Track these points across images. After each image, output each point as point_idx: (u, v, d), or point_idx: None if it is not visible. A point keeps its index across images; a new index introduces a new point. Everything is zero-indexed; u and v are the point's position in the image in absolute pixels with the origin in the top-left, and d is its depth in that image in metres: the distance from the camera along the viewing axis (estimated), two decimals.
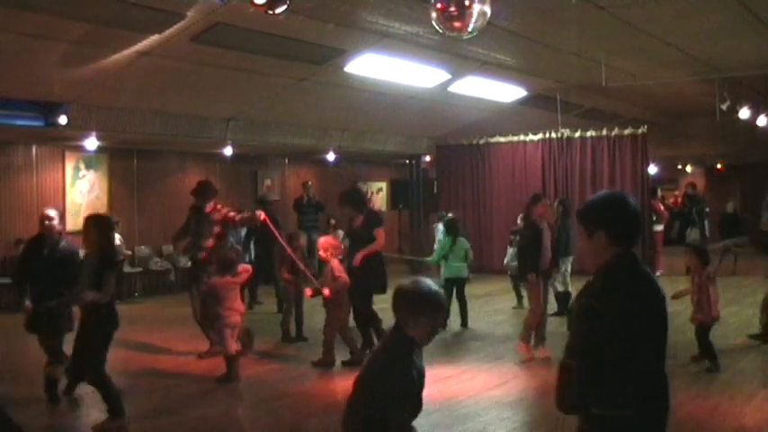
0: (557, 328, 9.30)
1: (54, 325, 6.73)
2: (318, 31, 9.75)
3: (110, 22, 8.40)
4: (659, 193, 17.15)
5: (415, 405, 3.21)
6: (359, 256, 8.10)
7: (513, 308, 11.81)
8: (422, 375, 3.20)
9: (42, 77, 9.70)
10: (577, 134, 16.49)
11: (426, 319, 3.15)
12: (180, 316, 10.51)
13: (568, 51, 11.74)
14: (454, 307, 10.20)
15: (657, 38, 11.11)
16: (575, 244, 10.85)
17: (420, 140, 17.90)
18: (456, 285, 10.39)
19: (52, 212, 6.98)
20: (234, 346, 7.64)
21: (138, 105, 11.51)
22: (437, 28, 5.81)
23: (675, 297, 8.01)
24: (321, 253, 8.35)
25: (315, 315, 9.44)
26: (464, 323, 10.44)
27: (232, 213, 8.90)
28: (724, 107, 14.41)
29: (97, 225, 6.31)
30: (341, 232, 11.22)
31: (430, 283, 3.24)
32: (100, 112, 11.26)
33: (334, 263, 8.23)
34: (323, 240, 8.59)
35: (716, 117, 14.97)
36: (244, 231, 12.23)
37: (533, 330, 8.48)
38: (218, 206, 8.91)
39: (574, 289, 9.71)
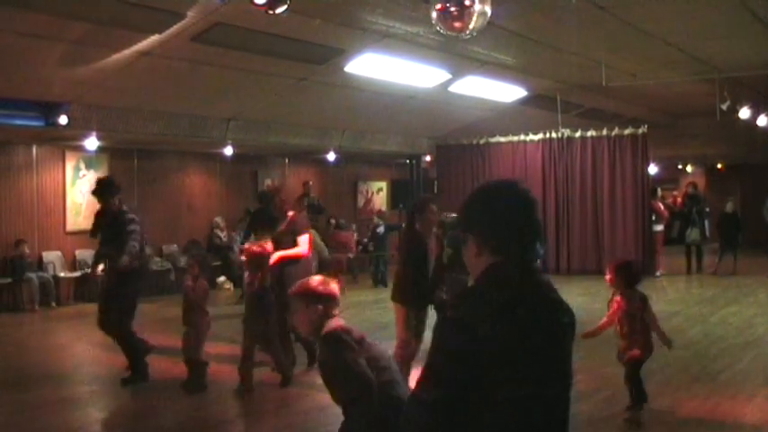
0: None
1: None
2: (318, 31, 9.75)
3: (110, 22, 8.40)
4: (659, 192, 17.13)
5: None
6: (275, 257, 7.62)
7: None
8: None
9: (42, 77, 9.70)
10: (578, 134, 16.49)
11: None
12: (180, 316, 10.47)
13: (568, 51, 11.74)
14: None
15: (657, 38, 11.11)
16: None
17: (420, 140, 17.90)
18: None
19: None
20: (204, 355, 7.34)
21: (138, 105, 11.51)
22: (437, 28, 5.81)
23: (588, 336, 6.11)
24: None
25: None
26: None
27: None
28: (724, 107, 14.40)
29: None
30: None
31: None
32: (100, 112, 11.26)
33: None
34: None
35: (716, 117, 14.96)
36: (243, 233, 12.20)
37: None
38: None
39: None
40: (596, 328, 6.23)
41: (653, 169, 18.44)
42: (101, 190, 7.76)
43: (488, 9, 5.68)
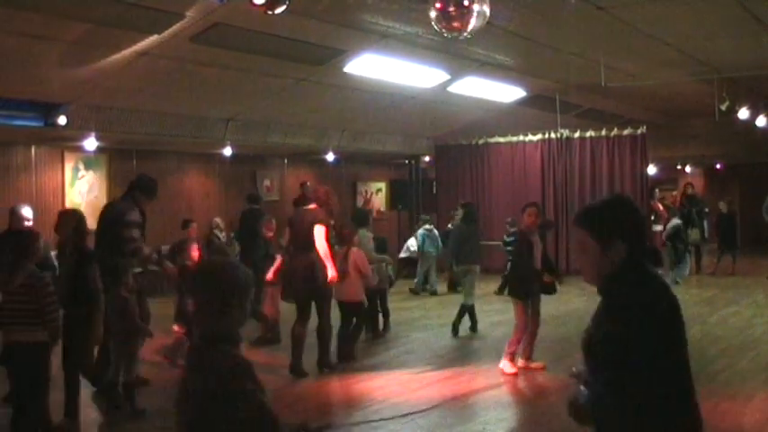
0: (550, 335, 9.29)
1: None
2: (318, 31, 9.75)
3: (109, 22, 8.40)
4: (657, 193, 17.13)
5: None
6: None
7: None
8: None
9: (41, 78, 9.69)
10: (577, 134, 16.50)
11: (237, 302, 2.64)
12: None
13: (568, 51, 11.74)
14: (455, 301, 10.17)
15: (657, 38, 11.12)
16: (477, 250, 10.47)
17: (419, 141, 17.90)
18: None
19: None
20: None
21: (137, 105, 11.50)
22: (436, 28, 5.81)
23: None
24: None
25: None
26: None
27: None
28: (723, 107, 14.42)
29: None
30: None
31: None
32: (99, 113, 11.26)
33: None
34: None
35: (715, 117, 14.97)
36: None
37: (517, 345, 8.02)
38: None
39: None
40: None
41: (652, 170, 18.45)
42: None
43: (487, 9, 5.68)
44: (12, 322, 5.26)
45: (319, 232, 7.83)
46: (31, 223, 7.21)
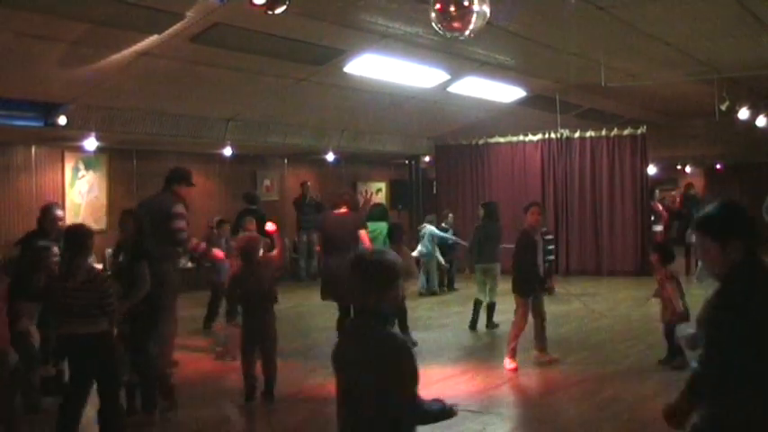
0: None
1: None
2: (318, 31, 9.76)
3: (109, 22, 8.40)
4: (657, 193, 17.12)
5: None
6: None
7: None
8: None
9: (41, 78, 9.69)
10: (577, 134, 16.50)
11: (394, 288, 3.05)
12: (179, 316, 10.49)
13: (568, 51, 11.74)
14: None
15: (657, 38, 11.12)
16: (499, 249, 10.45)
17: (419, 141, 17.90)
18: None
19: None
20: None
21: (137, 105, 11.50)
22: (436, 28, 5.81)
23: (656, 296, 8.21)
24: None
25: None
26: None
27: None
28: (723, 107, 14.42)
29: None
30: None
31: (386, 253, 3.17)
32: (99, 113, 11.26)
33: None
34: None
35: (715, 117, 14.97)
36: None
37: (516, 341, 7.99)
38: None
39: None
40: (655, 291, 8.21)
41: (652, 170, 18.45)
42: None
43: (487, 9, 5.68)
44: (71, 316, 5.44)
45: (365, 236, 8.46)
46: (63, 222, 7.48)
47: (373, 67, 11.53)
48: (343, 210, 8.58)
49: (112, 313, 5.54)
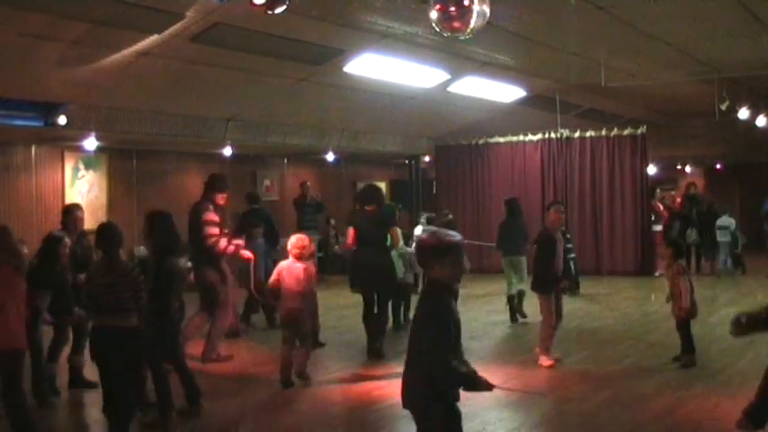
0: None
1: None
2: (318, 31, 9.76)
3: (109, 21, 8.40)
4: (658, 193, 17.11)
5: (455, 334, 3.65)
6: None
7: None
8: (455, 316, 3.67)
9: (41, 77, 9.69)
10: (577, 134, 16.49)
11: (449, 260, 3.63)
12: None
13: (568, 51, 11.75)
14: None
15: (657, 38, 11.12)
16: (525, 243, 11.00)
17: (419, 140, 17.90)
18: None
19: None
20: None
21: (137, 105, 11.50)
22: (436, 28, 5.81)
23: (668, 301, 8.17)
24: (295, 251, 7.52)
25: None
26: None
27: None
28: (723, 107, 14.42)
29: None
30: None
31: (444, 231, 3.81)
32: (99, 112, 11.26)
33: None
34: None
35: (715, 117, 14.97)
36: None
37: (549, 340, 8.15)
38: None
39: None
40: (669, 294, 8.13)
41: (652, 169, 18.44)
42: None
43: (488, 9, 5.67)
44: (105, 309, 5.62)
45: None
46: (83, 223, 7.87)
47: (373, 66, 11.53)
48: (373, 206, 8.84)
49: (142, 308, 5.70)
